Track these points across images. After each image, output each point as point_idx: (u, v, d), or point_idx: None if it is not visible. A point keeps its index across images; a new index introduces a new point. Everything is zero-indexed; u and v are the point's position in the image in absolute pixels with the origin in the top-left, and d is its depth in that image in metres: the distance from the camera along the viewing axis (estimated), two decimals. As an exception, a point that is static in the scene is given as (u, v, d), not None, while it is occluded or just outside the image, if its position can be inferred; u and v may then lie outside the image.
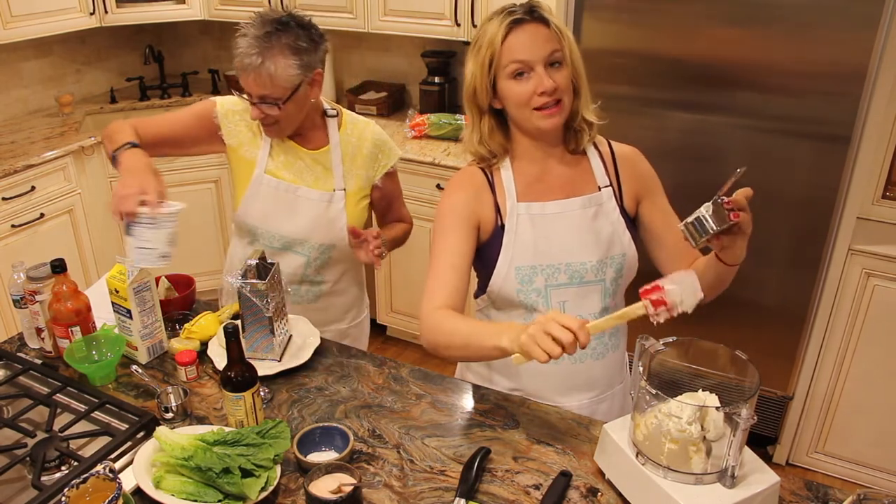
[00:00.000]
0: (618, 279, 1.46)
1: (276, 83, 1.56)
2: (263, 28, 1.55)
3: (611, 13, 2.34)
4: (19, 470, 1.28)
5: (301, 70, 1.58)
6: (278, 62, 1.54)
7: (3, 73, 3.38)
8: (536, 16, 1.34)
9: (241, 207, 1.77)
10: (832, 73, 2.10)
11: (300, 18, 1.60)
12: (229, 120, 1.75)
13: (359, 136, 1.77)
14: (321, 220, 1.74)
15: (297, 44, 1.56)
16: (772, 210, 2.30)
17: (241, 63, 1.55)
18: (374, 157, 1.78)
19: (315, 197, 1.74)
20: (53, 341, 1.62)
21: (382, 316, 3.39)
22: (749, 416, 1.07)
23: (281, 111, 1.60)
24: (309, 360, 1.60)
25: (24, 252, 2.87)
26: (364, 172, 1.78)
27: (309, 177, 1.75)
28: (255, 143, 1.75)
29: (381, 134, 1.82)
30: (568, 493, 1.25)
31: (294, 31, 1.57)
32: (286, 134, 1.71)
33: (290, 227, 1.75)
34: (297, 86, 1.59)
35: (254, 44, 1.54)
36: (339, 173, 1.75)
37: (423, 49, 3.36)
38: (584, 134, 1.44)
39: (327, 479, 1.20)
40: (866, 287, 2.30)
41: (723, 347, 1.21)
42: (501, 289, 1.45)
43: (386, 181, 1.83)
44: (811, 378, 2.48)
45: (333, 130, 1.75)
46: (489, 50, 1.35)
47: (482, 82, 1.37)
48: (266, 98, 1.58)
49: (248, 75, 1.56)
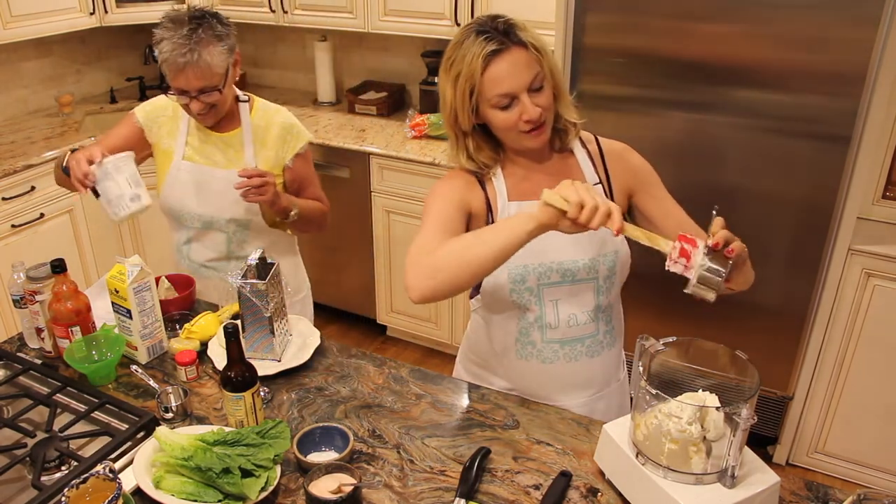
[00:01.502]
0: (611, 277, 1.46)
1: (214, 71, 1.70)
2: (184, 27, 1.66)
3: (611, 13, 2.34)
4: (19, 470, 1.28)
5: (228, 54, 1.73)
6: (212, 52, 1.68)
7: (3, 73, 3.38)
8: (515, 40, 1.30)
9: (162, 193, 1.92)
10: (832, 73, 2.10)
11: (207, 10, 1.74)
12: (150, 121, 1.90)
13: (268, 120, 1.89)
14: (233, 197, 1.80)
15: (218, 31, 1.71)
16: (772, 210, 2.30)
17: (176, 63, 1.66)
18: (282, 139, 1.89)
19: (225, 176, 1.84)
20: (53, 341, 1.62)
21: (382, 316, 3.39)
22: (749, 416, 1.07)
23: (222, 95, 1.75)
24: (309, 360, 1.60)
25: (24, 252, 2.87)
26: (273, 153, 1.89)
27: (221, 159, 1.88)
28: (172, 136, 1.90)
29: (291, 119, 1.93)
30: (568, 493, 1.25)
31: (209, 21, 1.70)
32: (220, 118, 1.83)
33: (205, 207, 1.88)
34: (228, 68, 1.74)
35: (182, 42, 1.65)
36: (249, 153, 1.87)
37: (423, 49, 3.36)
38: (568, 132, 1.44)
39: (327, 479, 1.20)
40: (866, 287, 2.30)
41: (723, 347, 1.21)
42: (494, 288, 1.45)
43: (297, 163, 1.92)
44: (811, 378, 2.48)
45: (245, 114, 1.88)
46: (468, 82, 1.32)
47: (463, 108, 1.36)
48: (205, 88, 1.71)
49: (187, 72, 1.67)
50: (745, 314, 2.44)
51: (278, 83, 4.03)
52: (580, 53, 2.39)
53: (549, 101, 1.35)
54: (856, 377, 2.41)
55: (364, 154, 3.07)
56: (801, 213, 2.28)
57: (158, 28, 1.69)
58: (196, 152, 1.88)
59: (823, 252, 2.30)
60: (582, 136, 1.48)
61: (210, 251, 1.94)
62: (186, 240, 1.95)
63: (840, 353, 2.41)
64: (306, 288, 2.17)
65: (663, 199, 1.48)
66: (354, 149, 3.08)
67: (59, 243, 3.07)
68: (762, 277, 2.40)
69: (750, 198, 2.32)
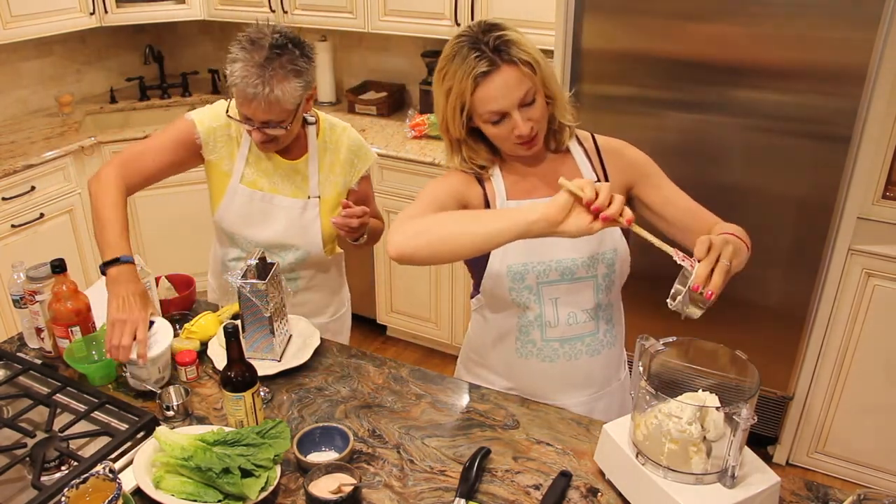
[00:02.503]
0: (610, 275, 1.46)
1: (283, 107, 1.56)
2: (261, 54, 1.52)
3: (611, 13, 2.34)
4: (19, 470, 1.28)
5: (303, 90, 1.59)
6: (285, 88, 1.54)
7: (3, 73, 3.38)
8: (506, 58, 1.28)
9: (218, 213, 1.79)
10: (832, 73, 2.10)
11: (293, 37, 1.58)
12: (210, 137, 1.73)
13: (336, 142, 1.79)
14: (295, 227, 1.76)
15: (297, 65, 1.55)
16: (772, 210, 2.30)
17: (246, 93, 1.53)
18: (350, 162, 1.80)
19: (289, 205, 1.76)
20: (53, 341, 1.62)
21: (382, 316, 3.39)
22: (749, 416, 1.07)
23: (287, 131, 1.62)
24: (309, 360, 1.60)
25: (24, 252, 2.87)
26: (342, 179, 1.80)
27: (286, 185, 1.76)
28: (231, 156, 1.76)
29: (357, 139, 1.83)
30: (568, 493, 1.25)
31: (291, 52, 1.55)
32: (282, 147, 1.71)
33: (265, 234, 1.77)
34: (299, 105, 1.61)
35: (256, 72, 1.51)
36: (314, 181, 1.76)
37: (423, 49, 3.36)
38: (564, 133, 1.44)
39: (327, 479, 1.20)
40: (866, 287, 2.30)
41: (723, 347, 1.21)
42: (493, 288, 1.45)
43: (362, 185, 1.85)
44: (811, 378, 2.48)
45: (312, 138, 1.76)
46: (459, 99, 1.32)
47: (455, 121, 1.36)
48: (271, 122, 1.59)
49: (256, 104, 1.54)
50: (745, 314, 2.44)
51: (278, 83, 4.03)
52: (580, 54, 2.39)
53: (542, 111, 1.35)
54: (856, 377, 2.41)
55: (364, 154, 3.07)
56: (801, 213, 2.28)
57: (234, 45, 1.55)
58: (259, 176, 1.75)
59: (823, 252, 2.30)
60: (578, 135, 1.48)
61: None
62: (236, 258, 1.84)
63: (840, 352, 2.41)
64: (348, 304, 2.07)
65: (664, 187, 1.47)
66: (354, 149, 3.08)
67: (59, 243, 3.07)
68: (762, 277, 2.41)
69: (750, 198, 2.32)
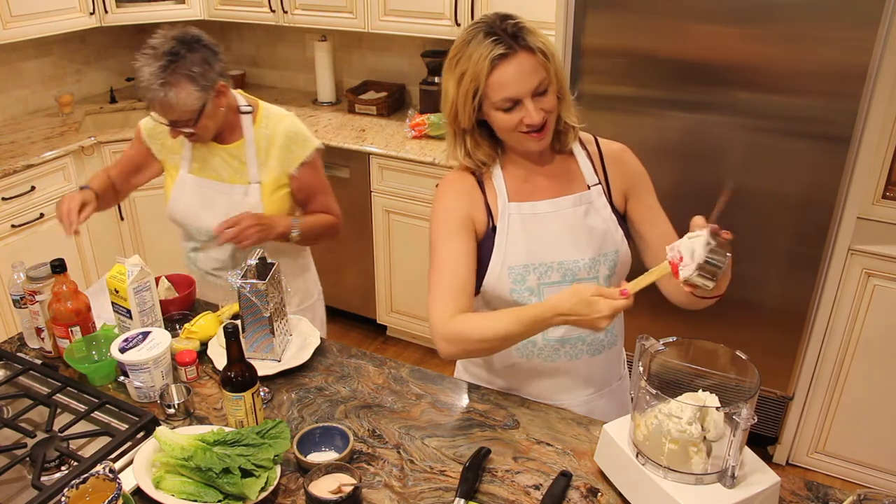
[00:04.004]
0: (611, 276, 1.46)
1: (182, 110, 1.66)
2: (159, 61, 1.63)
3: (611, 13, 2.34)
4: (19, 470, 1.28)
5: (202, 92, 1.67)
6: (179, 94, 1.64)
7: (3, 73, 3.38)
8: (523, 44, 1.30)
9: (169, 208, 1.92)
10: (832, 73, 2.09)
11: (190, 43, 1.67)
12: (154, 138, 1.90)
13: (272, 128, 1.85)
14: (239, 211, 1.81)
15: (191, 71, 1.65)
16: (772, 210, 2.30)
17: (146, 96, 1.66)
18: (287, 148, 1.84)
19: (230, 191, 1.85)
20: (53, 341, 1.62)
21: (382, 316, 3.39)
22: (749, 416, 1.07)
23: (196, 129, 1.72)
24: (309, 360, 1.60)
25: (24, 252, 2.87)
26: (278, 164, 1.85)
27: (226, 172, 1.85)
28: (177, 151, 1.89)
29: (296, 126, 1.88)
30: (568, 493, 1.25)
31: (186, 60, 1.64)
32: (209, 139, 1.81)
33: (212, 221, 1.82)
34: (202, 106, 1.69)
35: (152, 79, 1.63)
36: (253, 166, 1.84)
37: (423, 49, 3.36)
38: (568, 134, 1.44)
39: (327, 479, 1.20)
40: (866, 287, 2.30)
41: (723, 347, 1.21)
42: (495, 289, 1.45)
43: (303, 172, 1.87)
44: (811, 378, 2.48)
45: (248, 126, 1.84)
46: (473, 83, 1.32)
47: (465, 108, 1.35)
48: (178, 123, 1.70)
49: (155, 106, 1.67)
50: (745, 314, 2.44)
51: (278, 83, 4.03)
52: (580, 53, 2.39)
53: (553, 104, 1.35)
54: (856, 377, 2.41)
55: (364, 154, 3.07)
56: (801, 213, 2.28)
57: (139, 52, 1.66)
58: (202, 165, 1.86)
59: (823, 252, 2.30)
60: (581, 137, 1.48)
61: (217, 260, 1.92)
62: (193, 248, 1.95)
63: (840, 352, 2.41)
64: (317, 293, 2.13)
65: (652, 207, 1.50)
66: (354, 149, 3.08)
67: (59, 243, 3.06)
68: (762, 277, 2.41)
69: (750, 198, 2.32)
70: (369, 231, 3.21)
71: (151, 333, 1.52)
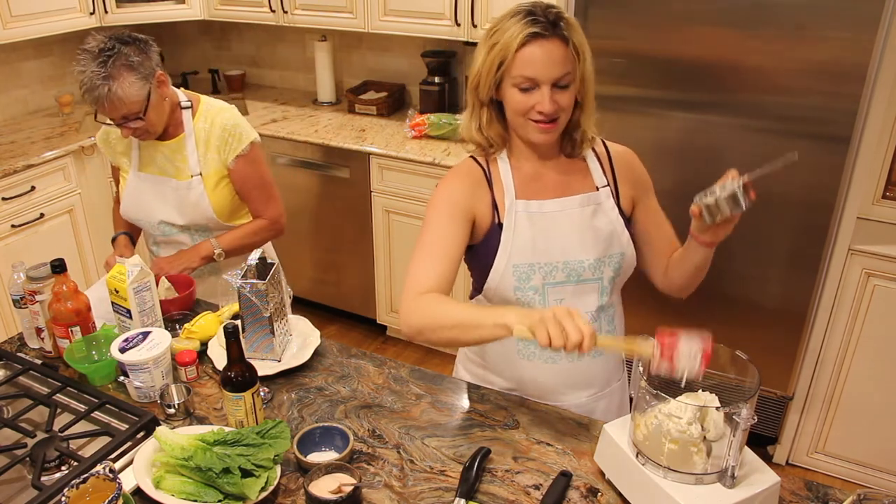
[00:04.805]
0: (615, 278, 1.46)
1: (129, 101, 1.71)
2: (97, 59, 1.66)
3: (611, 13, 2.34)
4: (19, 470, 1.28)
5: (143, 81, 1.73)
6: (123, 84, 1.68)
7: (3, 73, 3.38)
8: (559, 32, 1.30)
9: (122, 206, 2.00)
10: (832, 73, 2.09)
11: (123, 38, 1.72)
12: (107, 145, 1.99)
13: (211, 121, 1.90)
14: (186, 205, 1.91)
15: (129, 61, 1.70)
16: (772, 210, 2.30)
17: (92, 97, 1.69)
18: (224, 140, 1.89)
19: (175, 185, 1.91)
20: (53, 341, 1.62)
21: (382, 316, 3.39)
22: (749, 416, 1.07)
23: (145, 121, 1.76)
24: (309, 360, 1.60)
25: (24, 252, 2.87)
26: (217, 156, 1.90)
27: (170, 167, 1.92)
28: (126, 152, 1.96)
29: (234, 119, 1.92)
30: (568, 493, 1.25)
31: (122, 52, 1.69)
32: (157, 135, 1.86)
33: (161, 215, 1.94)
34: (147, 95, 1.74)
35: (92, 78, 1.66)
36: (194, 160, 1.90)
37: (423, 49, 3.36)
38: (584, 143, 1.45)
39: (327, 479, 1.20)
40: (866, 287, 2.30)
41: (723, 347, 1.21)
42: (498, 287, 1.45)
43: (239, 165, 1.91)
44: (811, 378, 2.48)
45: (188, 120, 1.90)
46: (501, 52, 1.32)
47: (487, 79, 1.36)
48: (127, 117, 1.74)
49: (103, 105, 1.70)
50: (745, 314, 2.44)
51: (278, 83, 4.03)
52: (580, 53, 2.39)
53: (569, 103, 1.35)
54: (856, 377, 2.41)
55: (364, 154, 3.07)
56: (801, 213, 2.28)
57: (76, 60, 1.69)
58: (149, 163, 1.93)
59: (823, 252, 2.30)
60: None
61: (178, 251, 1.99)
62: (154, 243, 2.06)
63: (840, 353, 2.41)
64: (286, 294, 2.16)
65: (656, 211, 1.52)
66: (354, 149, 3.08)
67: (59, 243, 3.07)
68: (762, 277, 2.41)
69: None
70: (369, 231, 3.21)
71: (151, 333, 1.52)
